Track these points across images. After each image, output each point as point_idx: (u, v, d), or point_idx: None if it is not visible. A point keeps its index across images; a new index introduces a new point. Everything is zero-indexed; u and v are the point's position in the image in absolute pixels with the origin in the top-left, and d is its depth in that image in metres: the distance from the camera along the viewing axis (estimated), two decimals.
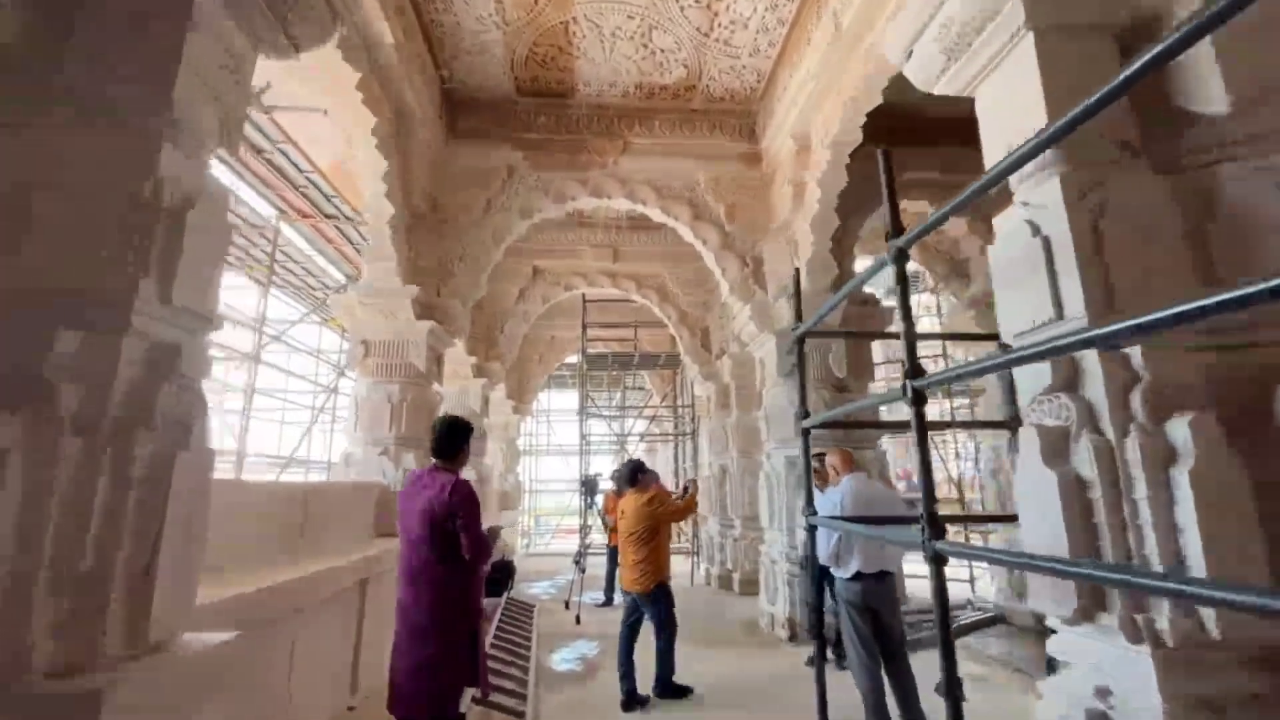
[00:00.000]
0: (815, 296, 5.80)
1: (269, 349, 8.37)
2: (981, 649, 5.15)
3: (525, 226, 6.51)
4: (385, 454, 5.28)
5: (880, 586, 3.03)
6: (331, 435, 9.28)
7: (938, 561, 1.75)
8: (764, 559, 5.95)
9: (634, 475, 4.57)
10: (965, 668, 4.74)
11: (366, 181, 5.12)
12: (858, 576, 3.01)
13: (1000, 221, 2.40)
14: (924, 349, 10.79)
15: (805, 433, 2.95)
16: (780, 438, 5.86)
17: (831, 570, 3.17)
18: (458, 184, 6.20)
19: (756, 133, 6.56)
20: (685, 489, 4.99)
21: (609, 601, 7.15)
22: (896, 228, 2.16)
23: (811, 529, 2.87)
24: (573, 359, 13.88)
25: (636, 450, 13.70)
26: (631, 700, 4.08)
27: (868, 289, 6.92)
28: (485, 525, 2.94)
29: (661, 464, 15.58)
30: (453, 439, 2.63)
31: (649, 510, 4.34)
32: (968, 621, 5.84)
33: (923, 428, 1.88)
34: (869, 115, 5.00)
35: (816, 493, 4.86)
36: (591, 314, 11.28)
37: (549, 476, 20.23)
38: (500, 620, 6.00)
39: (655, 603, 4.27)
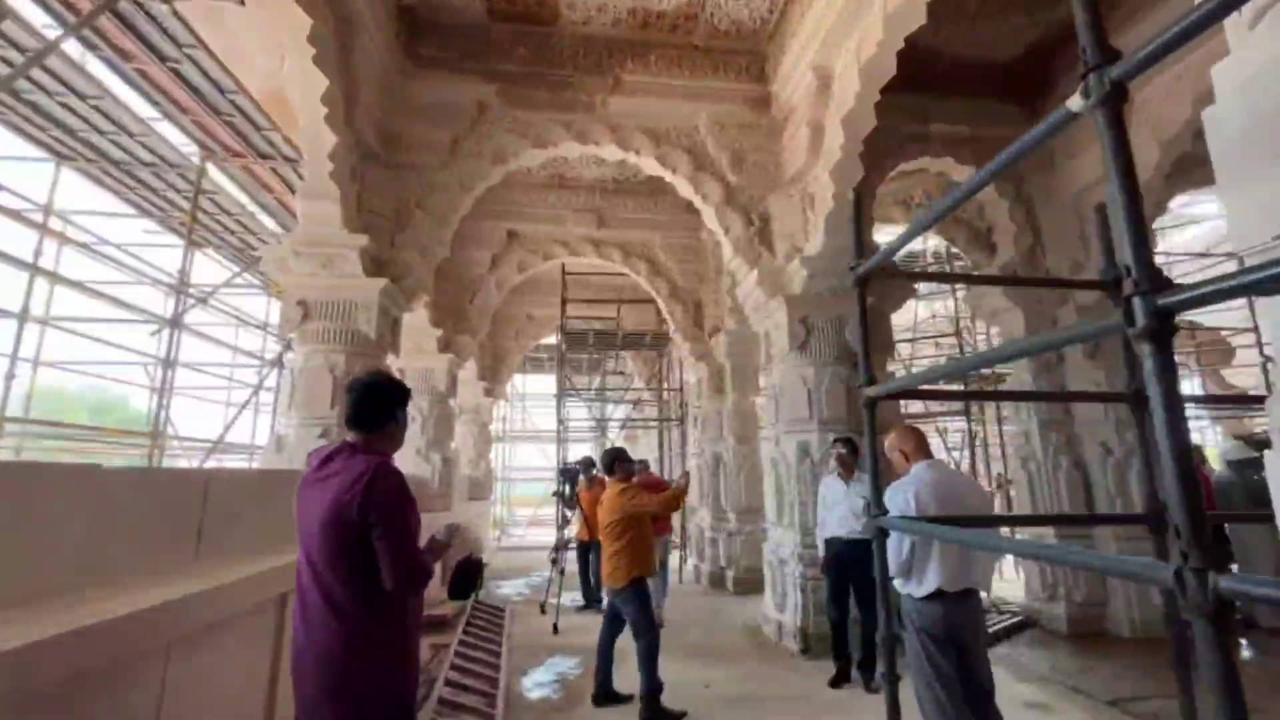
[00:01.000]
0: (835, 258, 5.05)
1: (198, 314, 7.35)
2: (1022, 661, 4.49)
3: (499, 175, 5.61)
4: (325, 436, 4.39)
5: (966, 609, 2.29)
6: (274, 417, 8.28)
7: (1222, 613, 0.96)
8: (770, 558, 5.21)
9: (612, 464, 3.92)
10: (1012, 690, 4.07)
11: (302, 102, 4.18)
12: (937, 596, 2.26)
13: (1228, 71, 1.48)
14: (941, 326, 10.14)
15: (870, 405, 2.18)
16: (793, 419, 5.11)
17: (899, 587, 2.42)
18: (418, 119, 5.27)
19: (766, 74, 5.74)
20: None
21: (590, 604, 6.36)
22: None
23: (881, 533, 2.11)
24: (550, 340, 13.00)
25: (617, 438, 12.90)
26: (603, 695, 3.81)
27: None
28: (437, 525, 2.12)
29: (644, 452, 14.81)
30: (377, 403, 1.78)
31: (621, 502, 3.78)
32: (997, 627, 5.19)
33: (1169, 373, 1.09)
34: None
35: (852, 486, 4.15)
36: (572, 290, 10.42)
37: (524, 464, 19.40)
38: (465, 629, 5.17)
39: (629, 601, 3.70)
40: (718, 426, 7.95)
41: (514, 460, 16.97)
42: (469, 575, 6.39)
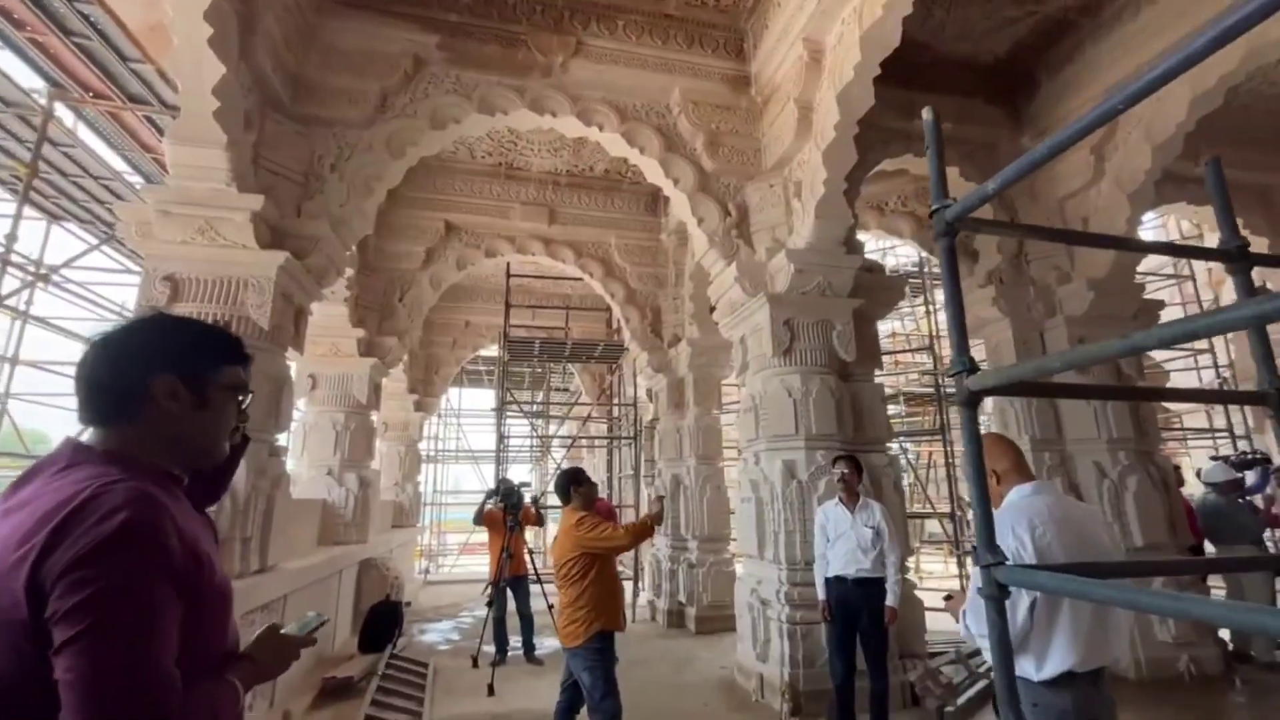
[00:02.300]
0: (826, 253, 4.48)
1: (57, 304, 5.98)
2: None
3: (438, 143, 4.77)
4: None
5: (1101, 696, 1.62)
6: None
7: None
8: (747, 599, 4.48)
9: (568, 487, 3.12)
10: None
11: (177, 14, 3.22)
12: (1066, 679, 1.58)
13: None
14: (913, 342, 9.84)
15: (972, 402, 1.50)
16: (776, 435, 4.44)
17: (1020, 664, 1.72)
18: (338, 66, 4.36)
19: (745, 52, 5.19)
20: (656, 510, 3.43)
21: (530, 654, 5.40)
22: None
23: (1001, 590, 1.41)
24: (490, 351, 11.99)
25: (562, 458, 11.95)
26: None
27: (870, 256, 5.71)
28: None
29: (594, 474, 13.85)
30: (117, 373, 0.89)
31: (579, 535, 3.03)
32: (988, 668, 4.64)
33: None
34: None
35: (858, 514, 3.48)
36: (515, 296, 9.55)
37: (457, 486, 17.98)
38: (375, 696, 4.13)
39: (588, 663, 2.91)
40: (677, 445, 7.23)
41: (447, 482, 15.62)
42: (384, 623, 5.35)
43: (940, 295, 8.43)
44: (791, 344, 4.53)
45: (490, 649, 5.30)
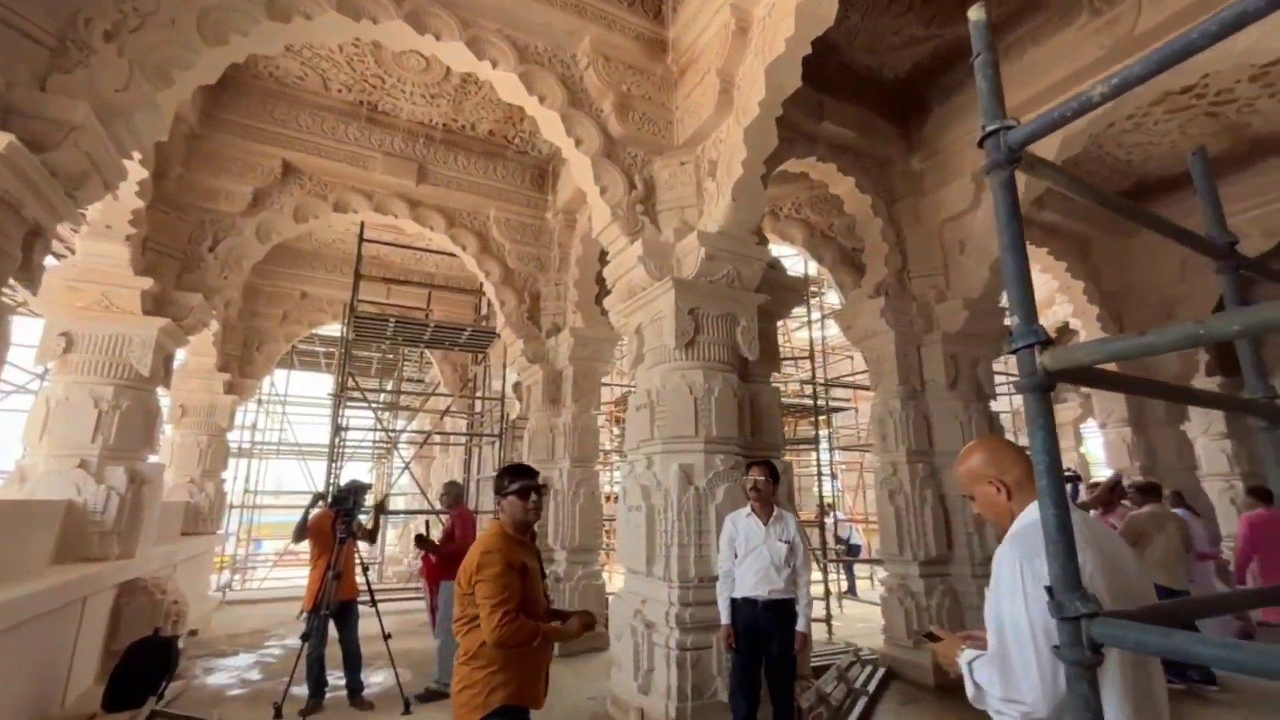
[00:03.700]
0: (736, 239, 4.12)
1: None
2: None
3: (277, 38, 3.68)
4: (84, 467, 2.28)
5: None
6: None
7: None
8: (629, 620, 3.92)
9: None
10: None
11: None
12: None
13: None
14: (799, 351, 9.96)
15: (1045, 386, 1.08)
16: (674, 436, 3.97)
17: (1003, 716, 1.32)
18: None
19: (664, 14, 4.72)
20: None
21: (356, 696, 4.39)
22: None
23: (1095, 651, 0.98)
24: (332, 330, 10.37)
25: (410, 456, 10.64)
26: None
27: (776, 254, 5.48)
28: None
29: (440, 474, 12.65)
30: None
31: (480, 558, 2.10)
32: (862, 680, 4.56)
33: None
34: None
35: (771, 527, 3.06)
36: (369, 268, 8.29)
37: (280, 486, 15.60)
38: None
39: None
40: (549, 446, 6.54)
41: (266, 481, 13.33)
42: (146, 667, 4.01)
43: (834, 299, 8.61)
44: (695, 336, 4.10)
45: (301, 690, 4.20)
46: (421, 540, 4.77)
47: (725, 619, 3.05)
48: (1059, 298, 8.07)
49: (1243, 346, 1.79)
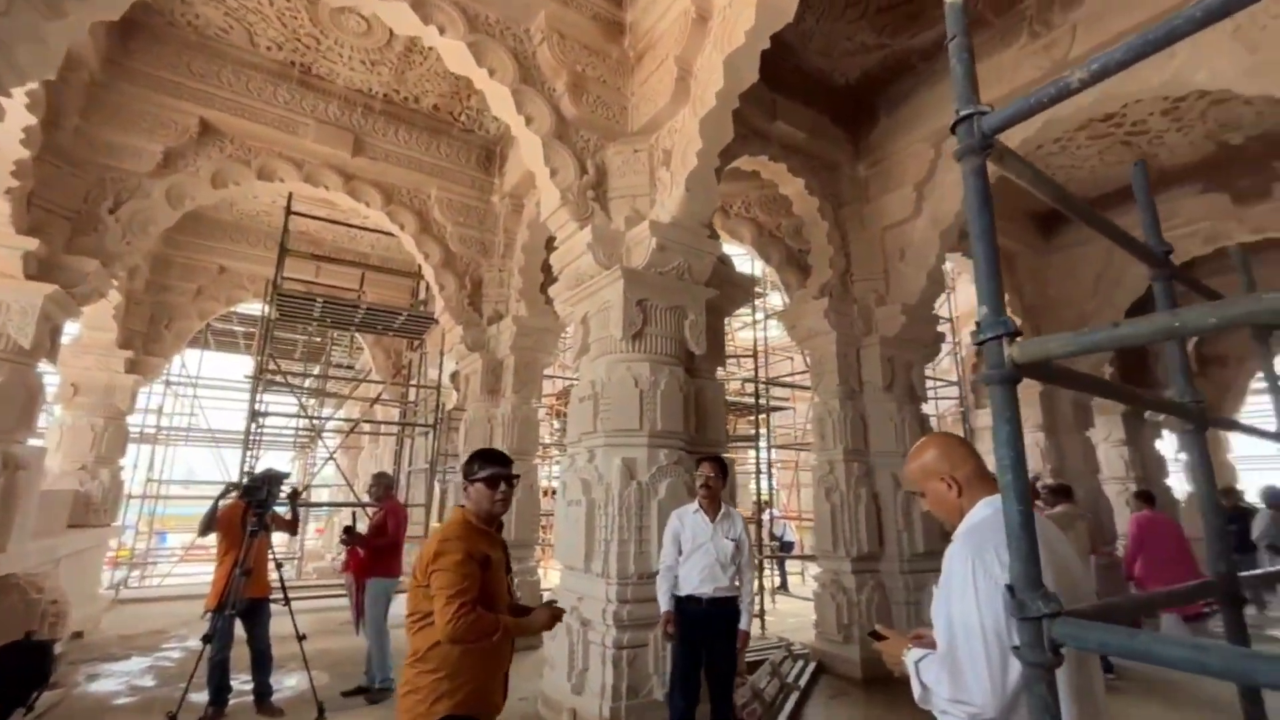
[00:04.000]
0: (688, 231, 4.07)
1: None
2: None
3: None
4: None
5: None
6: None
7: None
8: (565, 617, 3.79)
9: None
10: None
11: None
12: None
13: None
14: (741, 350, 9.99)
15: (1012, 379, 1.05)
16: (618, 429, 3.87)
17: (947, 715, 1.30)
18: None
19: None
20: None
21: (264, 701, 4.06)
22: None
23: (1054, 654, 0.95)
24: (253, 309, 9.67)
25: (335, 447, 10.08)
26: None
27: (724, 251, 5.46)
28: None
29: (374, 468, 12.09)
30: None
31: (441, 551, 1.90)
32: (795, 676, 4.62)
33: None
34: None
35: (718, 524, 3.01)
36: (296, 243, 7.77)
37: (191, 475, 14.57)
38: None
39: None
40: (486, 437, 6.30)
41: (174, 469, 12.31)
42: (14, 677, 3.56)
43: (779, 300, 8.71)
44: (643, 328, 4.02)
45: (201, 697, 3.85)
46: (349, 533, 4.47)
47: (666, 605, 2.96)
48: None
49: (1172, 352, 1.86)
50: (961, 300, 9.51)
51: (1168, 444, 10.69)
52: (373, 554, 4.51)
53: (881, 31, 5.19)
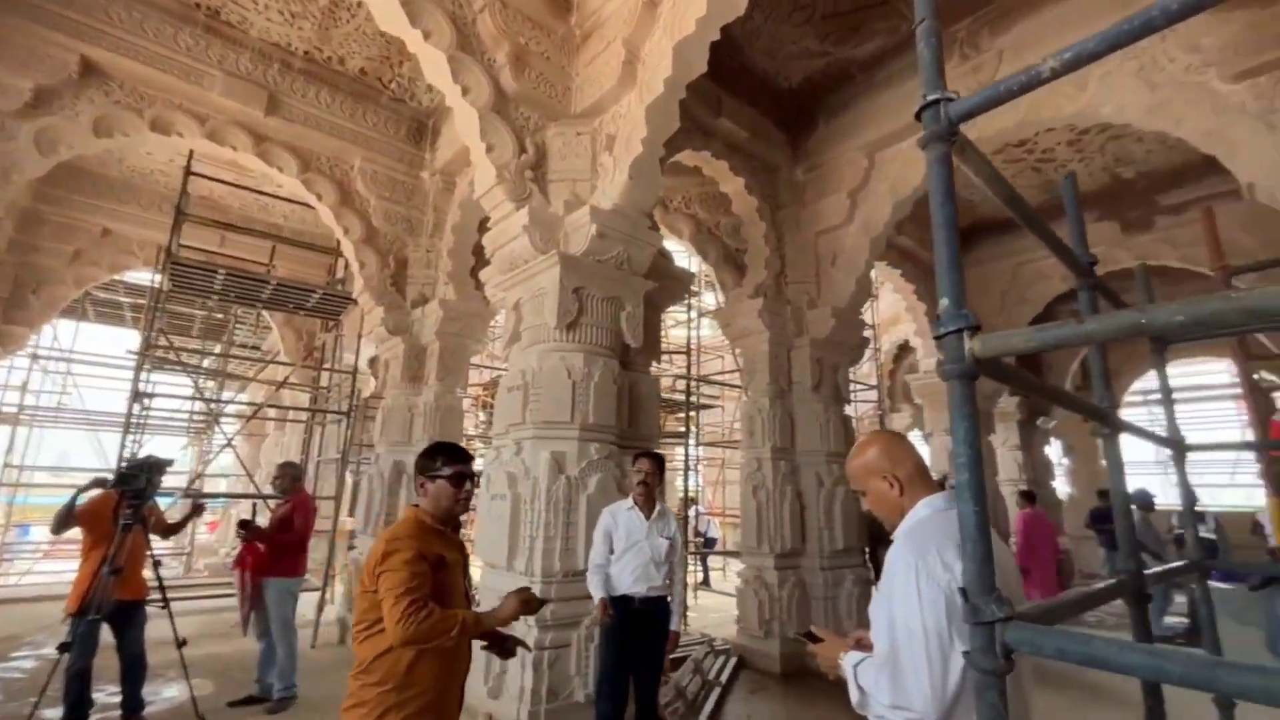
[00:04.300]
0: (629, 219, 3.99)
1: None
2: None
3: None
4: None
5: None
6: None
7: None
8: None
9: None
10: None
11: None
12: None
13: None
14: (673, 347, 9.93)
15: (970, 374, 1.01)
16: (548, 421, 3.71)
17: None
18: None
19: None
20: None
21: (135, 713, 3.62)
22: None
23: (1006, 659, 0.92)
24: (142, 277, 8.72)
25: (235, 434, 9.27)
26: None
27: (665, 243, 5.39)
28: None
29: (280, 457, 11.29)
30: None
31: (393, 561, 1.73)
32: (717, 673, 4.64)
33: None
34: None
35: (653, 523, 2.92)
36: (199, 208, 7.09)
37: (63, 461, 13.11)
38: None
39: None
40: (406, 426, 5.95)
41: (41, 454, 10.95)
42: None
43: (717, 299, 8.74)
44: (579, 317, 3.88)
45: (55, 714, 3.37)
46: (247, 526, 4.05)
47: (600, 594, 2.82)
48: (906, 316, 8.90)
49: (1094, 359, 1.94)
50: (884, 307, 9.94)
51: (1054, 449, 11.70)
52: (275, 550, 4.13)
53: (825, 39, 5.28)
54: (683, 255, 7.86)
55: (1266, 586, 4.77)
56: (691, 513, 8.06)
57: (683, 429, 7.59)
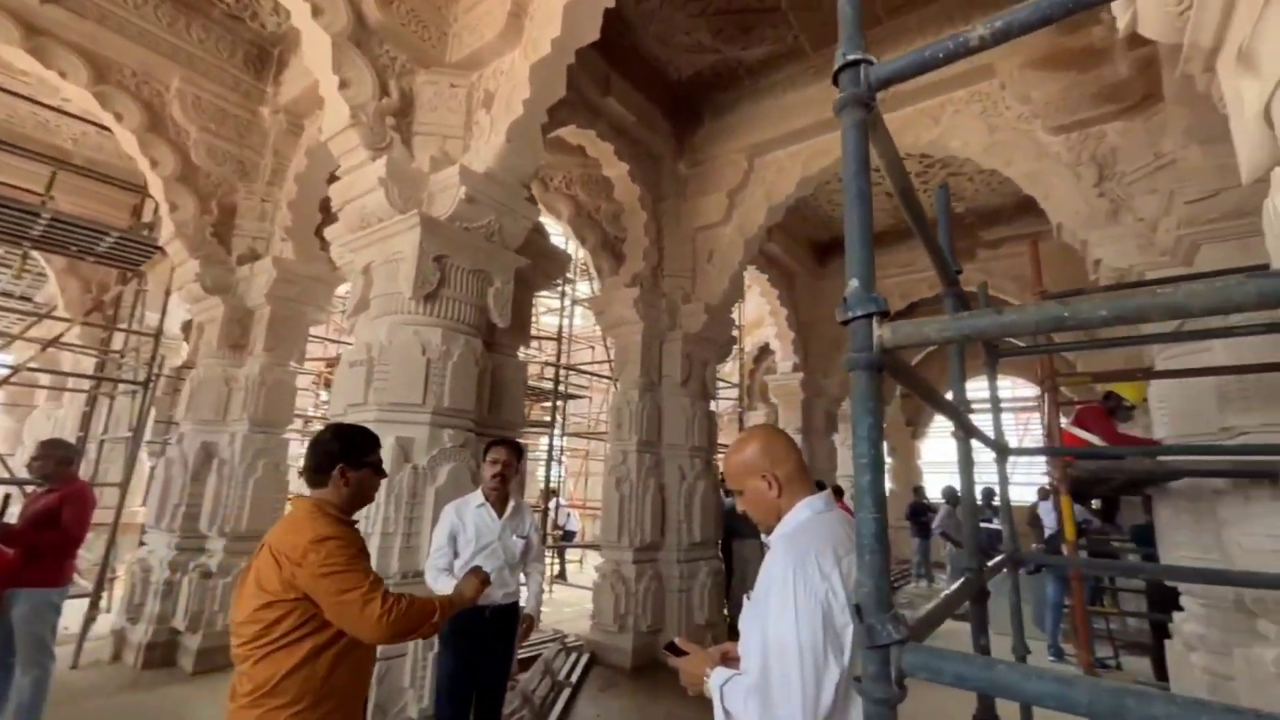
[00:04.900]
0: (505, 187, 3.68)
1: None
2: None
3: None
4: None
5: None
6: None
7: None
8: None
9: (331, 459, 1.82)
10: None
11: None
12: None
13: None
14: (542, 333, 9.50)
15: (878, 364, 0.90)
16: (396, 403, 3.28)
17: None
18: None
19: None
20: None
21: None
22: None
23: (901, 688, 0.80)
24: None
25: None
26: None
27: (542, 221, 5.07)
28: None
29: (52, 433, 9.27)
30: None
31: (308, 565, 1.55)
32: (567, 669, 4.47)
33: None
34: None
35: (506, 520, 2.63)
36: None
37: None
38: None
39: None
40: (220, 403, 5.07)
41: None
42: None
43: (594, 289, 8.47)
44: (439, 289, 3.48)
45: None
46: None
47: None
48: (769, 320, 9.35)
49: (954, 364, 2.02)
50: (749, 309, 10.39)
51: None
52: (29, 553, 3.23)
53: (717, 35, 5.28)
54: (559, 238, 7.58)
55: (1038, 571, 5.60)
56: (552, 505, 7.83)
57: (548, 418, 7.32)
